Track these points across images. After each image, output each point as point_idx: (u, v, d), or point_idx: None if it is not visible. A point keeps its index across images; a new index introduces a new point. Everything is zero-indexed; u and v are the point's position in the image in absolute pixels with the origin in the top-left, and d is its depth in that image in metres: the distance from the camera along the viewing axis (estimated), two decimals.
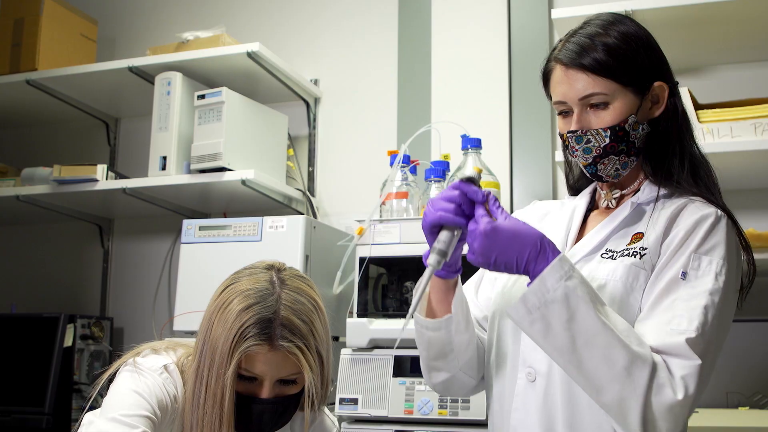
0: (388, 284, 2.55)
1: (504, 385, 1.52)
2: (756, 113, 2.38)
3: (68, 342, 3.11)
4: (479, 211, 1.33)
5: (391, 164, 2.60)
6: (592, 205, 1.63)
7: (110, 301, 3.55)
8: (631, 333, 1.31)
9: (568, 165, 1.70)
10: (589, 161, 1.50)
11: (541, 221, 1.65)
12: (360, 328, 2.39)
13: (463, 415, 2.23)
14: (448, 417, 2.24)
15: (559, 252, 1.33)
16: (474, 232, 1.32)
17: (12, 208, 3.35)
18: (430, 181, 2.56)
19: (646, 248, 1.43)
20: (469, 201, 1.35)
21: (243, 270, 1.55)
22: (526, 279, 1.34)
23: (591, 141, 1.48)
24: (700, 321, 1.32)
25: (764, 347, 2.47)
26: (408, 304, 2.47)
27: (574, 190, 1.70)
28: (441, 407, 2.25)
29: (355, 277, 2.46)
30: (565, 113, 1.51)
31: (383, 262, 2.52)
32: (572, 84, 1.47)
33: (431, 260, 1.33)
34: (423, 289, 1.36)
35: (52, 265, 3.67)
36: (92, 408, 1.56)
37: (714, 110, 2.42)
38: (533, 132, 2.96)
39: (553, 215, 1.66)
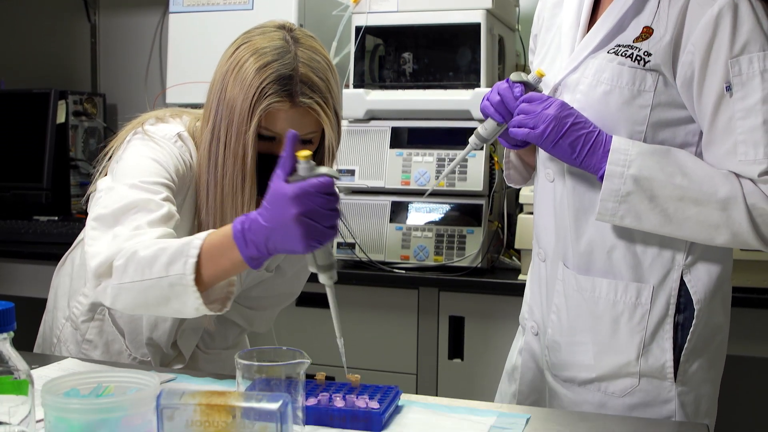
0: (385, 55, 2.48)
1: (536, 185, 1.59)
2: None
3: (61, 118, 3.08)
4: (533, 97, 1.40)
5: None
6: None
7: (101, 77, 3.48)
8: (712, 177, 1.33)
9: None
10: None
11: (557, 5, 1.56)
12: (357, 100, 2.35)
13: (460, 186, 2.25)
14: (446, 188, 2.26)
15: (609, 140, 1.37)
16: (542, 115, 1.37)
17: None
18: None
19: (651, 54, 1.36)
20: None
21: (253, 29, 1.52)
22: None
23: None
24: (766, 142, 1.30)
25: None
26: (405, 75, 2.43)
27: None
28: (438, 177, 2.26)
29: (351, 47, 2.40)
30: None
31: (380, 32, 2.44)
32: None
33: (470, 139, 1.50)
34: (457, 162, 1.57)
35: (38, 41, 3.56)
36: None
37: None
38: None
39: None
